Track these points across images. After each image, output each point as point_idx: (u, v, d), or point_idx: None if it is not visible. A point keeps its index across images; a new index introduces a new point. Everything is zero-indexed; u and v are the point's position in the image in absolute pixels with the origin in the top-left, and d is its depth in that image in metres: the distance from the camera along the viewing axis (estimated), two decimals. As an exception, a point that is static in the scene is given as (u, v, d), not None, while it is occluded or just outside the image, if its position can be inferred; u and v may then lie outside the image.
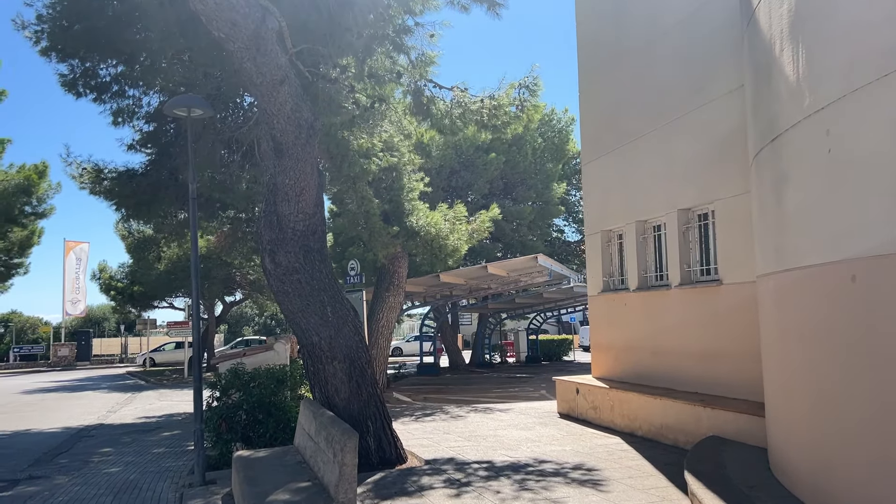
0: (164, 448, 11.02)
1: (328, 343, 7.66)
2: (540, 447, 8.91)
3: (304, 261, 7.49)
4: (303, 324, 7.63)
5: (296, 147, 6.95)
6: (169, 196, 16.14)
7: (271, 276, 7.56)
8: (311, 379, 7.93)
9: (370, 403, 7.92)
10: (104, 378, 32.45)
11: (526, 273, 18.92)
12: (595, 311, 12.00)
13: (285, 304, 7.60)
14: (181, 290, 33.73)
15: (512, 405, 13.85)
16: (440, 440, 9.66)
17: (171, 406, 18.67)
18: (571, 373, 25.46)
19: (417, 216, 15.84)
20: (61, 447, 12.19)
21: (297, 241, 7.47)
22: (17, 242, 31.66)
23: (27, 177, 25.98)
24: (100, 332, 53.24)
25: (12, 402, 20.89)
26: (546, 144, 28.55)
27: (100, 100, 15.09)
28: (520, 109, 12.26)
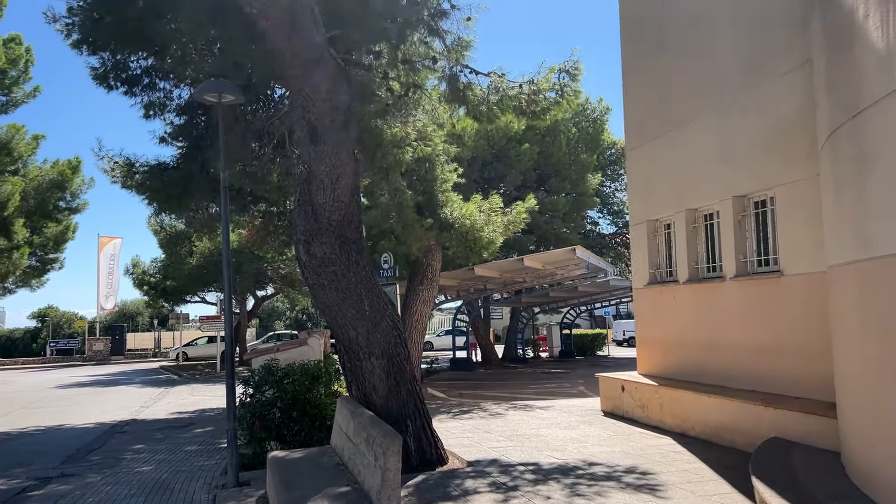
0: (196, 445, 10.79)
1: (365, 338, 7.29)
2: (587, 448, 8.45)
3: (340, 252, 7.12)
4: (339, 318, 7.26)
5: (331, 132, 6.58)
6: (200, 189, 15.94)
7: (306, 268, 7.20)
8: (348, 376, 7.57)
9: (409, 401, 7.54)
10: (137, 373, 32.65)
11: (562, 266, 18.40)
12: (641, 305, 11.47)
13: (321, 297, 7.24)
14: (213, 284, 33.78)
15: (552, 402, 13.38)
16: (481, 440, 9.25)
17: (204, 401, 18.54)
18: (607, 368, 24.92)
19: (451, 207, 15.42)
20: (94, 443, 12.04)
21: (332, 232, 7.10)
22: (52, 238, 31.98)
23: (61, 172, 26.14)
24: (133, 326, 53.82)
25: (48, 397, 20.98)
26: (580, 134, 27.93)
27: (131, 93, 14.92)
28: (559, 95, 11.74)
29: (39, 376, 32.14)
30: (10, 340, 50.35)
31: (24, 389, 24.38)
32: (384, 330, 7.40)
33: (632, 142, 11.62)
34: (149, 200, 16.42)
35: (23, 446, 11.90)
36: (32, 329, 51.33)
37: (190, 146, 16.01)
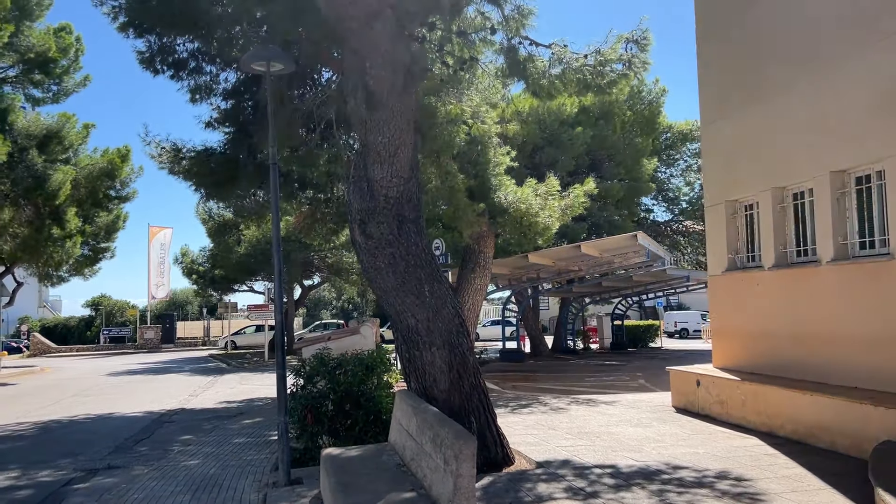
0: (245, 438, 10.36)
1: (426, 326, 6.67)
2: (667, 448, 7.70)
3: (399, 232, 6.51)
4: (397, 304, 6.66)
5: (391, 96, 5.95)
6: (248, 174, 15.60)
7: (361, 249, 6.61)
8: (406, 367, 6.97)
9: (473, 396, 6.90)
10: (187, 361, 32.83)
11: (620, 253, 17.53)
12: (717, 294, 10.59)
13: (377, 281, 6.65)
14: (260, 273, 33.74)
15: (616, 397, 12.61)
16: (547, 437, 8.56)
17: (252, 390, 18.27)
18: (666, 361, 23.94)
19: (505, 192, 14.71)
20: (142, 433, 11.76)
21: (390, 210, 6.49)
22: (103, 227, 32.23)
23: (111, 160, 26.19)
24: (183, 315, 54.52)
25: (99, 384, 21.03)
26: (635, 118, 26.84)
27: (177, 76, 14.62)
28: (627, 67, 10.89)
29: (92, 363, 32.59)
30: (66, 328, 51.49)
31: (77, 376, 24.60)
32: (445, 318, 6.77)
33: (709, 116, 10.71)
34: (196, 186, 16.16)
35: (72, 435, 11.68)
36: (87, 317, 52.41)
37: (237, 131, 15.65)
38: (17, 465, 9.30)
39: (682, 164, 30.79)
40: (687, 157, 30.62)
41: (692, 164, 30.63)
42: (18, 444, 11.06)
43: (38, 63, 24.80)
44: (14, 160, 23.23)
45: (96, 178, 25.99)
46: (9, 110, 22.87)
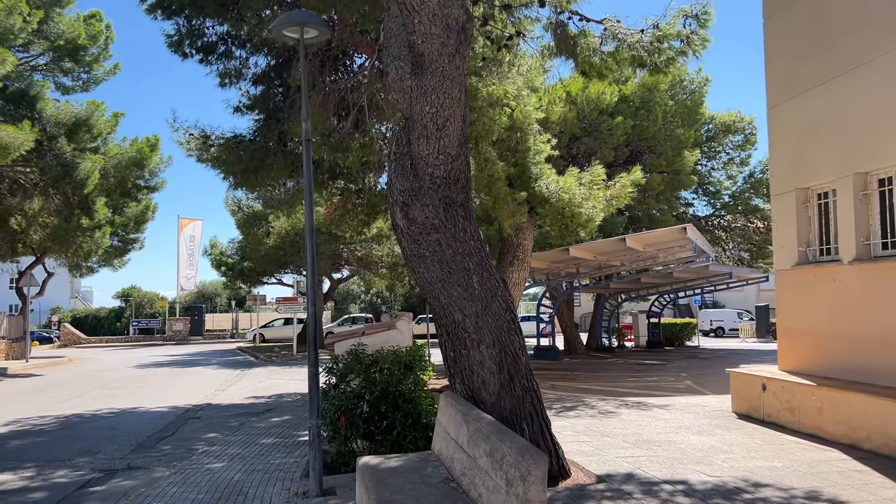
0: (273, 438, 9.75)
1: (474, 322, 5.94)
2: (739, 461, 6.89)
3: (445, 216, 5.79)
4: (442, 297, 5.94)
5: (441, 58, 5.22)
6: (277, 163, 15.10)
7: (404, 235, 5.90)
8: (451, 366, 6.26)
9: (525, 400, 6.17)
10: (215, 353, 32.55)
11: (665, 248, 16.62)
12: (785, 290, 9.69)
13: (421, 271, 5.94)
14: (289, 266, 33.34)
15: (667, 400, 11.79)
16: (602, 446, 7.79)
17: (281, 385, 17.74)
18: (706, 360, 22.99)
19: (547, 181, 13.90)
20: (166, 430, 11.24)
21: (436, 192, 5.77)
22: (132, 218, 32.10)
23: (139, 150, 25.87)
24: (212, 307, 54.51)
25: (126, 377, 20.69)
26: (677, 108, 25.76)
27: (206, 61, 14.15)
28: (685, 44, 10.04)
29: (121, 355, 32.47)
30: (97, 319, 51.78)
31: (105, 368, 24.35)
32: (496, 313, 6.04)
33: (776, 96, 9.79)
34: (224, 174, 15.68)
35: (94, 431, 11.20)
36: (117, 308, 52.65)
37: (267, 118, 15.14)
38: (34, 463, 8.80)
39: (723, 156, 29.62)
40: (729, 150, 29.45)
41: (734, 156, 29.48)
42: (38, 439, 10.60)
43: (67, 51, 24.55)
44: (43, 148, 22.98)
45: (125, 167, 25.67)
46: (38, 98, 22.61)
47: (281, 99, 14.87)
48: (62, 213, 25.68)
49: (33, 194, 24.68)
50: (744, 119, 29.03)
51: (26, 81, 23.06)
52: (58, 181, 22.95)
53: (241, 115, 15.38)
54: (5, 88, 22.54)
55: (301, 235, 29.52)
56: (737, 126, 28.95)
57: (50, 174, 22.57)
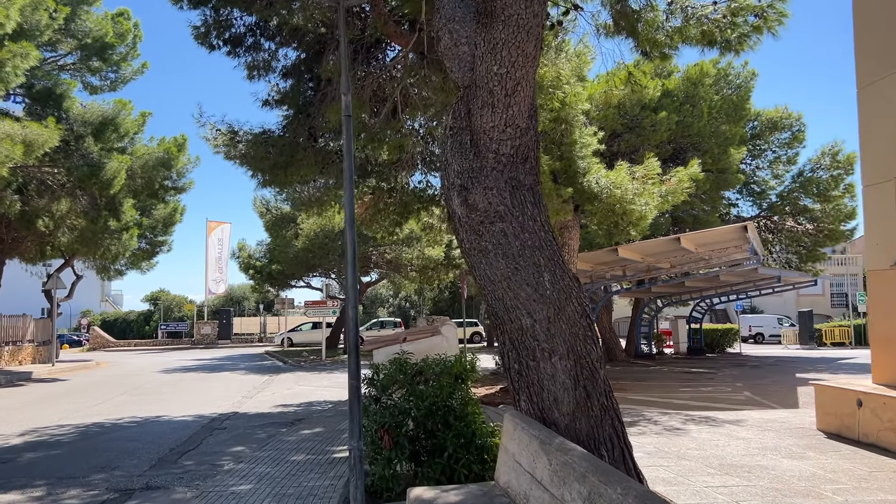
0: (304, 454, 8.88)
1: (545, 329, 5.00)
2: (852, 494, 5.84)
3: (512, 202, 4.85)
4: (507, 298, 5.00)
5: (517, 3, 4.30)
6: (308, 159, 14.35)
7: (462, 225, 4.98)
8: (516, 381, 5.31)
9: (604, 421, 5.20)
10: (243, 357, 31.96)
11: (720, 249, 15.49)
12: (882, 293, 8.56)
13: (482, 267, 5.01)
14: (319, 268, 32.66)
15: (736, 414, 10.71)
16: (684, 471, 6.78)
17: (310, 392, 16.93)
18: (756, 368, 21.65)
19: (596, 175, 12.91)
20: (189, 442, 10.44)
21: (501, 172, 4.84)
22: (160, 220, 31.68)
23: (167, 149, 25.36)
24: (240, 311, 54.19)
25: (152, 382, 20.06)
26: (723, 103, 24.56)
27: (233, 53, 13.46)
28: (761, 19, 8.99)
29: (148, 358, 32.02)
30: (126, 322, 51.72)
31: (131, 373, 23.80)
32: (570, 317, 5.09)
33: (868, 74, 8.68)
34: (252, 172, 14.99)
35: (113, 442, 10.44)
36: (146, 312, 52.56)
37: (296, 112, 14.42)
38: (45, 480, 8.04)
39: (769, 155, 28.27)
40: (775, 148, 28.11)
41: (781, 155, 28.12)
42: (53, 452, 9.86)
43: (95, 49, 24.11)
44: (70, 148, 22.53)
45: (152, 167, 25.18)
46: (64, 96, 22.17)
47: (311, 93, 14.15)
48: (89, 214, 25.22)
49: (60, 195, 24.25)
50: (791, 115, 27.70)
51: (52, 80, 22.62)
52: (84, 181, 22.46)
53: (270, 108, 14.65)
54: (32, 87, 22.14)
55: (330, 237, 28.80)
56: (784, 123, 27.62)
57: (76, 174, 22.09)
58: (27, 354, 26.43)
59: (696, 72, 23.76)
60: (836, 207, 25.94)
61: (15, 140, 16.74)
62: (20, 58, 16.36)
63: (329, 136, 14.85)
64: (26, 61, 16.50)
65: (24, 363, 25.99)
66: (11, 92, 21.64)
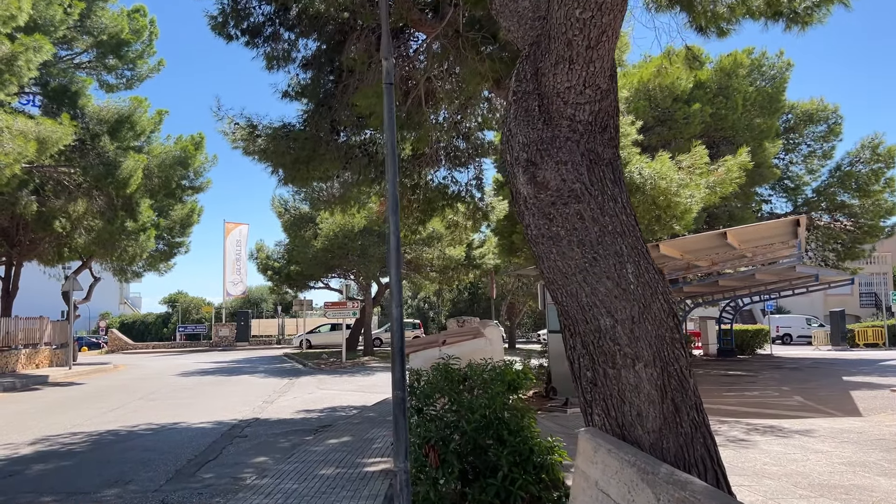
0: (333, 467, 8.14)
1: (628, 330, 4.21)
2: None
3: (590, 179, 4.08)
4: (582, 294, 4.23)
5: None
6: (330, 153, 13.69)
7: (529, 207, 4.21)
8: (590, 391, 4.53)
9: (695, 440, 4.41)
10: (261, 360, 31.38)
11: (765, 245, 14.58)
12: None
13: (551, 257, 4.23)
14: (338, 269, 32.02)
15: (802, 423, 9.86)
16: (770, 492, 5.96)
17: (333, 397, 16.23)
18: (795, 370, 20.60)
19: (638, 165, 12.08)
20: (208, 452, 9.76)
21: (577, 144, 4.07)
22: (178, 221, 31.21)
23: (184, 148, 24.83)
24: (258, 313, 53.70)
25: (169, 386, 19.46)
26: (757, 95, 23.60)
27: (252, 43, 12.86)
28: (829, -14, 8.14)
29: (166, 361, 31.53)
30: (144, 325, 51.44)
31: (148, 376, 23.25)
32: (656, 317, 4.31)
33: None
34: (273, 168, 14.37)
35: (128, 452, 9.78)
36: (164, 314, 52.23)
37: (317, 105, 13.77)
38: (53, 496, 7.38)
39: (804, 148, 27.25)
40: (810, 142, 27.08)
41: (816, 149, 27.09)
42: (64, 463, 9.20)
43: (111, 46, 23.62)
44: (85, 147, 22.05)
45: (169, 166, 24.66)
46: (79, 94, 21.67)
47: (332, 86, 13.49)
48: (105, 214, 24.75)
49: (77, 196, 23.79)
50: (827, 108, 26.66)
51: (68, 77, 22.12)
52: (100, 180, 21.95)
53: (290, 100, 14.04)
54: (46, 84, 21.66)
55: (350, 237, 28.13)
56: (819, 115, 26.60)
57: (92, 173, 21.59)
58: (44, 357, 25.98)
59: (729, 62, 22.85)
60: (876, 203, 24.87)
61: (28, 137, 16.21)
62: (33, 51, 15.81)
63: (351, 130, 14.19)
64: (39, 55, 15.95)
65: (42, 366, 25.54)
66: (27, 89, 21.19)
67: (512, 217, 22.88)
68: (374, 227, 27.92)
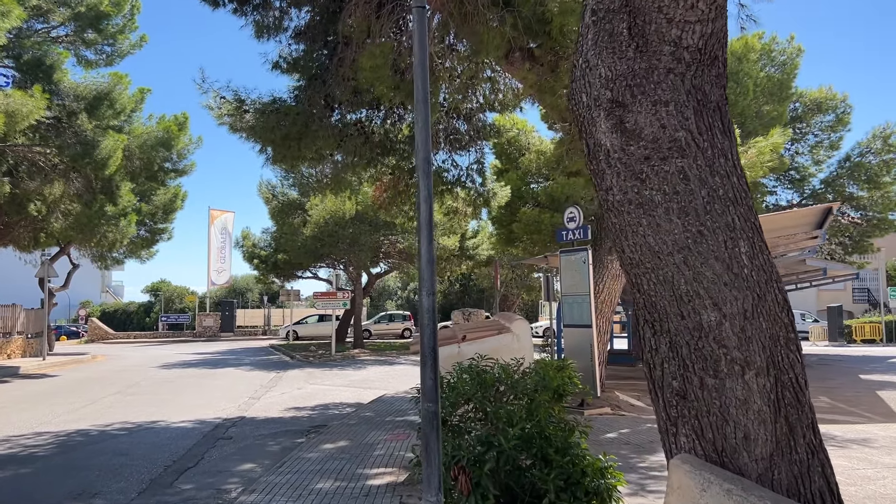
0: (331, 480, 7.10)
1: (738, 328, 3.21)
2: None
3: (698, 126, 3.06)
4: (680, 279, 3.21)
5: None
6: (324, 131, 12.63)
7: (612, 163, 3.17)
8: (675, 405, 3.51)
9: (812, 469, 3.44)
10: (247, 351, 30.23)
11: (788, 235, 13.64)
12: None
13: (640, 230, 3.20)
14: (327, 257, 30.87)
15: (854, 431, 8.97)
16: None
17: (324, 393, 15.19)
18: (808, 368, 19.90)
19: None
20: (189, 457, 8.70)
21: (682, 78, 3.05)
22: (160, 206, 29.93)
23: (167, 128, 23.56)
24: (243, 302, 52.41)
25: (150, 378, 18.31)
26: (767, 80, 22.70)
27: (240, 11, 11.81)
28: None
29: (148, 351, 30.31)
30: (126, 314, 50.03)
31: (128, 367, 22.08)
32: (770, 311, 3.32)
33: None
34: (261, 145, 13.29)
35: (97, 457, 8.70)
36: (146, 303, 50.84)
37: (310, 78, 12.71)
38: (3, 514, 6.30)
39: (811, 139, 26.42)
40: (818, 132, 26.24)
41: (823, 139, 26.26)
42: (22, 470, 8.11)
43: (90, 19, 22.28)
44: (61, 125, 20.76)
45: (151, 147, 23.39)
46: (54, 68, 20.32)
47: (326, 59, 12.42)
48: (84, 197, 23.48)
49: (53, 177, 22.50)
50: (836, 96, 25.82)
51: (42, 50, 20.78)
52: (77, 161, 20.68)
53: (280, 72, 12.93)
54: (19, 57, 20.32)
55: (340, 224, 26.98)
56: (828, 104, 25.76)
57: (69, 153, 20.31)
58: (17, 347, 24.70)
59: (740, 46, 21.90)
60: (886, 195, 24.09)
61: (-4, 109, 14.97)
62: (1, 17, 14.55)
63: (347, 107, 13.14)
64: (7, 21, 14.70)
65: (14, 357, 24.27)
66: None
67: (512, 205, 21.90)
68: (366, 215, 26.81)
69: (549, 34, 10.58)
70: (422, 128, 3.60)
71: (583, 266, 10.60)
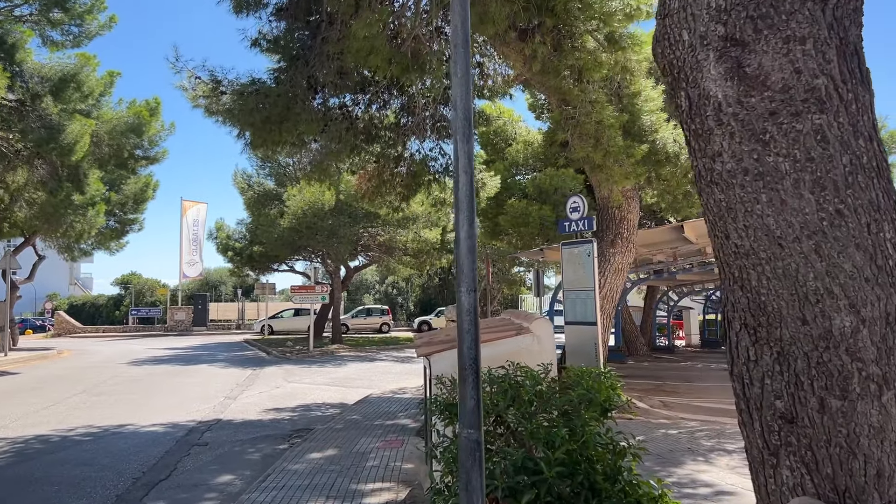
0: (322, 498, 6.31)
1: (879, 336, 2.50)
2: None
3: (840, 70, 2.34)
4: (808, 273, 2.48)
5: None
6: (306, 115, 11.84)
7: (724, 119, 2.44)
8: (780, 429, 2.79)
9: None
10: (220, 347, 29.18)
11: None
12: None
13: (756, 208, 2.47)
14: (305, 250, 29.90)
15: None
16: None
17: (305, 392, 14.35)
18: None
19: (673, 132, 10.46)
20: (160, 468, 7.85)
21: (820, 7, 2.33)
22: (130, 196, 28.80)
23: (137, 113, 22.42)
24: (216, 296, 51.10)
25: (119, 376, 17.29)
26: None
27: (216, -15, 10.94)
28: None
29: (117, 347, 29.13)
30: (95, 307, 48.48)
31: (96, 364, 20.98)
32: (912, 312, 2.57)
33: None
34: (240, 129, 12.45)
35: (58, 468, 7.81)
36: (116, 296, 49.31)
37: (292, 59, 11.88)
38: (-60, 544, 5.42)
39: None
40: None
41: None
42: (-31, 485, 7.20)
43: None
44: (25, 108, 19.61)
45: (121, 133, 22.26)
46: (17, 47, 19.14)
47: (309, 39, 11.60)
48: (49, 185, 22.31)
49: (16, 164, 21.32)
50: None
51: (4, 29, 19.56)
52: (42, 146, 19.53)
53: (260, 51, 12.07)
54: (-22, 35, 19.11)
55: (319, 215, 26.03)
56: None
57: (32, 137, 19.17)
58: (-24, 342, 23.45)
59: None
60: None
61: (-51, 87, 13.84)
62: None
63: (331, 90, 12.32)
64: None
65: (-27, 352, 23.02)
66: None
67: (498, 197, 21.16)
68: (346, 205, 25.91)
69: (552, 10, 9.85)
70: (461, 78, 2.81)
71: (587, 259, 9.91)
